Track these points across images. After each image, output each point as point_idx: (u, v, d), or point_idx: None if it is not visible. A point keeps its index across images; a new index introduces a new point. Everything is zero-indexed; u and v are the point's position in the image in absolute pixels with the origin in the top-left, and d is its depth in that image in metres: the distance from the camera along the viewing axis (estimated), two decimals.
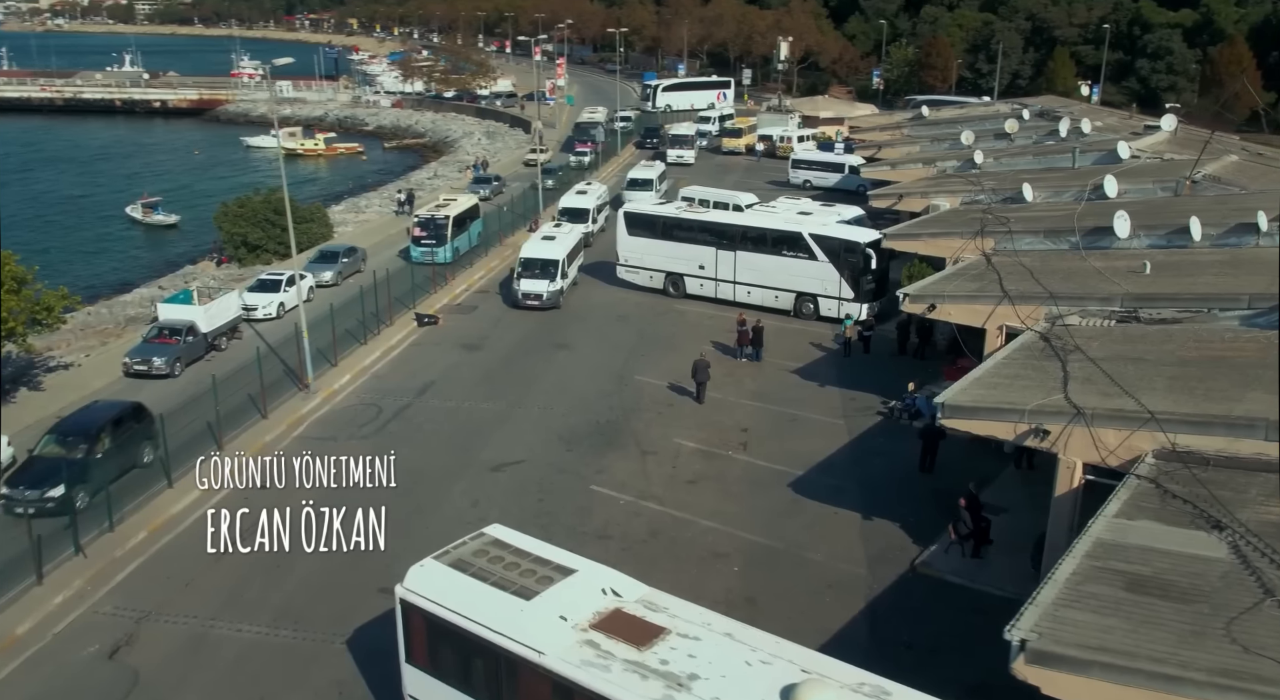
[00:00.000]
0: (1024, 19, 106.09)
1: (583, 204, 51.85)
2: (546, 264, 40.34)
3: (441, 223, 47.17)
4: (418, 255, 46.10)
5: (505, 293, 42.25)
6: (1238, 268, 27.52)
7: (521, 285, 39.98)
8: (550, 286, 40.00)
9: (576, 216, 49.80)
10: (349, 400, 31.93)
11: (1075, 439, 19.49)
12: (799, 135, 78.45)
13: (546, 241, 41.84)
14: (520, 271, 40.38)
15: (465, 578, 15.44)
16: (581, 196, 53.03)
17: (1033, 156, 47.28)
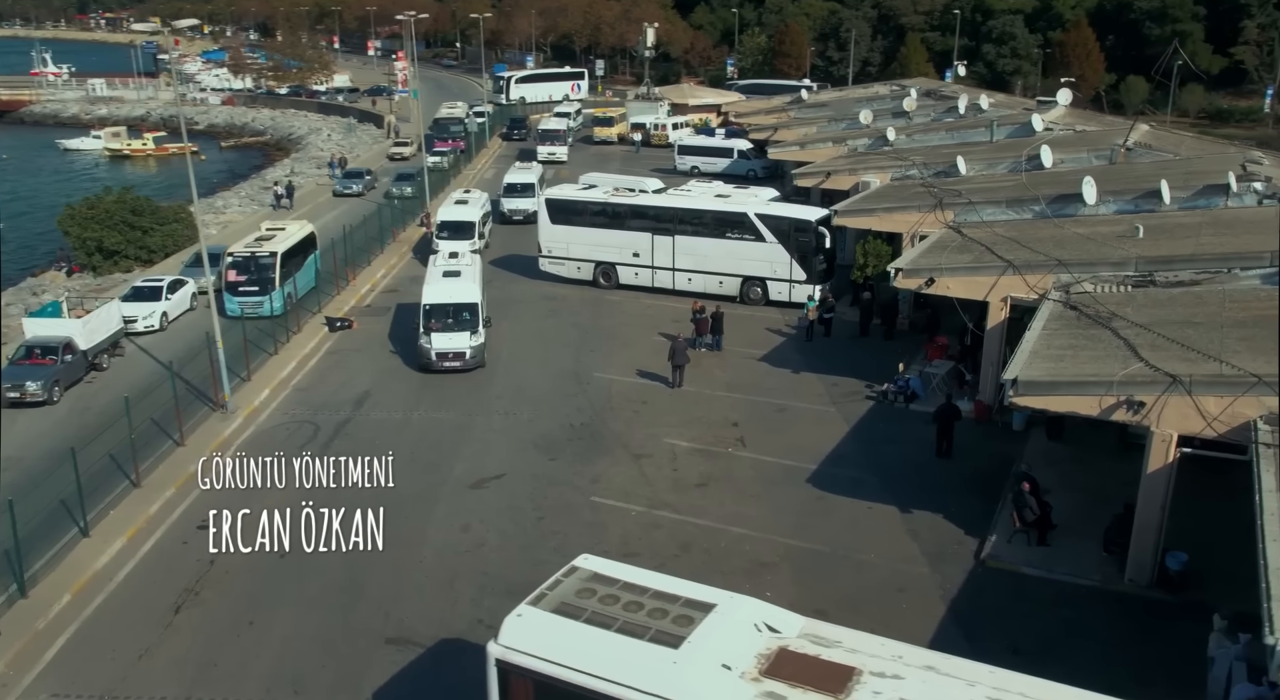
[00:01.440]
0: (871, 7, 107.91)
1: (466, 216, 43.50)
2: (460, 309, 30.83)
3: (266, 262, 35.56)
4: (235, 308, 34.63)
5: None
6: (1229, 227, 26.96)
7: (434, 341, 30.28)
8: (473, 342, 30.53)
9: (460, 231, 42.25)
10: (276, 418, 27.75)
11: (1171, 409, 17.93)
12: (673, 122, 76.76)
13: (450, 279, 32.14)
14: (427, 324, 30.59)
15: (583, 626, 12.36)
16: (463, 208, 44.33)
17: (945, 132, 46.75)
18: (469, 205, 44.60)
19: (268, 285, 35.34)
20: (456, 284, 31.74)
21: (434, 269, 33.38)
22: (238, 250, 36.24)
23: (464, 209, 44.03)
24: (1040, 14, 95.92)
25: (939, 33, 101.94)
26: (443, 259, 34.35)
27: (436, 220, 43.51)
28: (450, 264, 33.63)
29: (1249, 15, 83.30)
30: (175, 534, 21.77)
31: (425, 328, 30.41)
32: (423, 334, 30.39)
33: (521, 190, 51.00)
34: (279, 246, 36.41)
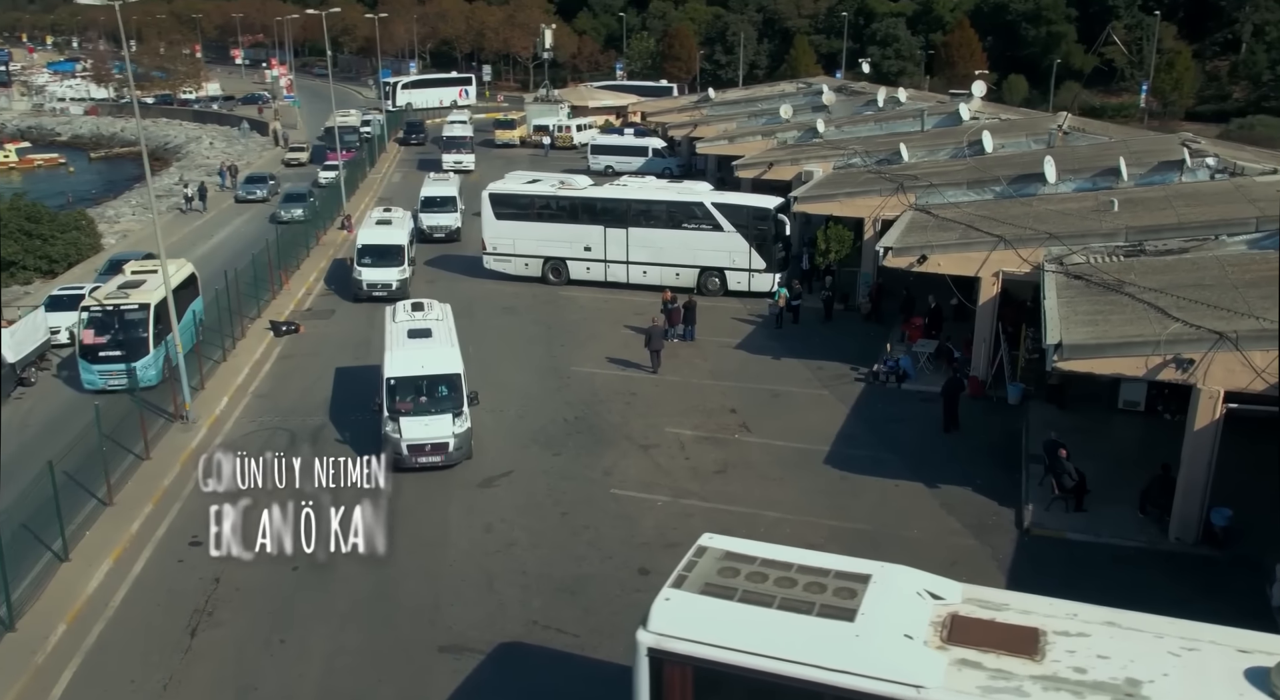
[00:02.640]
0: (755, 11, 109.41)
1: (391, 238, 37.08)
2: (437, 382, 23.37)
3: (135, 318, 27.39)
4: (95, 379, 27.06)
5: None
6: (1194, 199, 27.79)
7: (404, 429, 22.55)
8: (457, 428, 22.95)
9: (385, 257, 36.35)
10: (243, 427, 25.75)
11: (1217, 366, 18.13)
12: (577, 124, 75.95)
13: (420, 341, 24.38)
14: (392, 404, 23.02)
15: (742, 606, 11.45)
16: (387, 229, 37.88)
17: (875, 123, 47.33)
18: (393, 226, 38.40)
19: (138, 348, 27.07)
20: (429, 348, 23.88)
21: (395, 327, 25.20)
22: (96, 301, 27.90)
23: (388, 230, 37.74)
24: (921, 17, 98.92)
25: (824, 35, 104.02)
26: (404, 312, 26.11)
27: (356, 244, 37.43)
28: (416, 319, 25.62)
29: (1117, 17, 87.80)
30: (166, 553, 19.79)
31: (390, 409, 22.66)
32: (387, 417, 22.58)
33: (442, 204, 45.97)
34: (151, 295, 27.83)
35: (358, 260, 36.50)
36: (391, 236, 37.28)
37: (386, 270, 36.04)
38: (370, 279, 35.91)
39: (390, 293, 34.98)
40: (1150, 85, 77.93)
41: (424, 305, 26.77)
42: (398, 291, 34.96)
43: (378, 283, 35.78)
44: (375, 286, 35.73)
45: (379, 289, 35.64)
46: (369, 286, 35.72)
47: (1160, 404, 25.01)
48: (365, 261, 36.37)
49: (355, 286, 36.09)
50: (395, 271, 36.19)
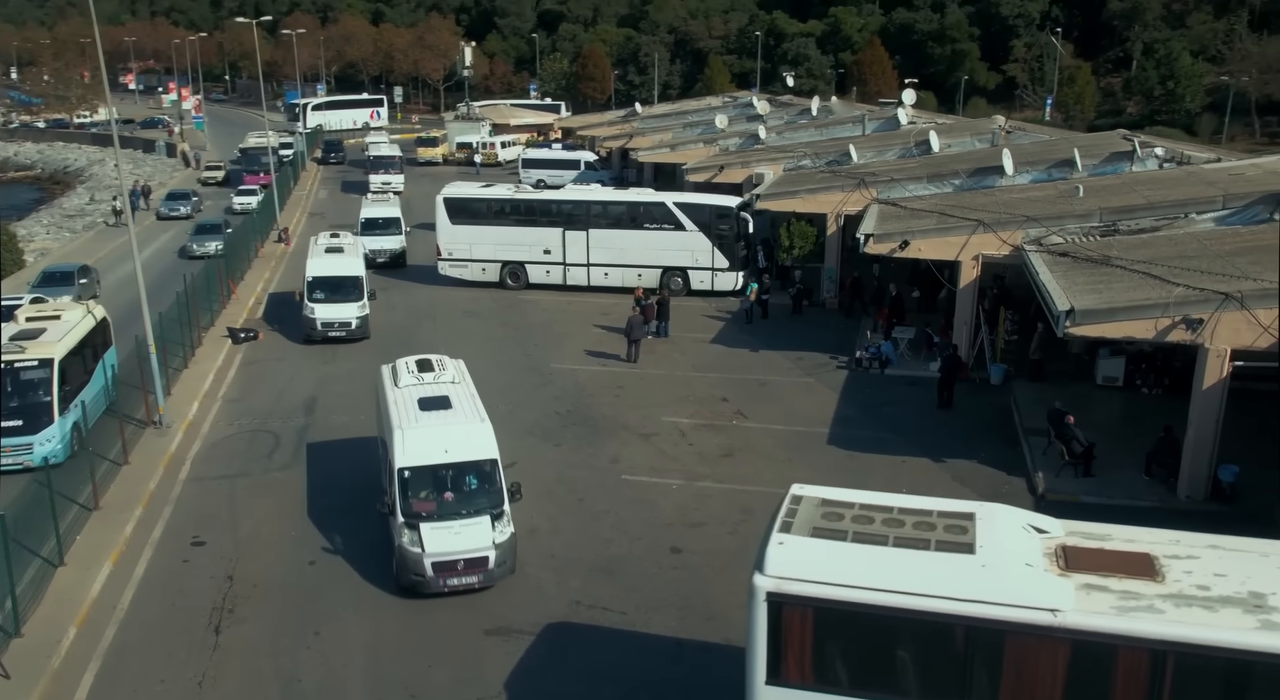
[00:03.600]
0: (667, 32, 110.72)
1: (345, 269, 32.09)
2: (468, 471, 17.70)
3: (34, 378, 22.10)
4: None
5: None
6: (1152, 185, 28.92)
7: (427, 542, 16.89)
8: (503, 532, 17.43)
9: (340, 292, 31.30)
10: (222, 430, 24.60)
11: (1224, 325, 18.78)
12: (502, 141, 75.48)
13: (436, 414, 18.24)
14: (406, 506, 17.19)
15: (858, 546, 11.28)
16: (339, 258, 32.72)
17: (815, 129, 48.21)
18: (346, 254, 33.10)
19: (40, 416, 21.65)
20: (451, 424, 17.95)
21: (399, 395, 18.89)
22: None
23: (340, 259, 32.57)
24: (830, 37, 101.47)
25: (735, 56, 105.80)
26: (409, 375, 19.54)
27: (308, 276, 31.60)
28: (427, 383, 19.30)
29: (1017, 35, 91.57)
30: (168, 554, 18.70)
31: (406, 512, 16.96)
32: (402, 524, 16.88)
33: (384, 226, 42.16)
34: (55, 348, 22.46)
35: (308, 295, 31.18)
36: (345, 266, 32.23)
37: (343, 306, 31.12)
38: (325, 317, 30.94)
39: (349, 332, 30.96)
40: (1054, 99, 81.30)
41: (433, 364, 20.15)
42: (358, 330, 31.08)
43: (333, 321, 30.94)
44: (331, 326, 30.92)
45: (335, 328, 30.95)
46: (323, 326, 30.89)
47: (1139, 379, 25.84)
48: (317, 296, 31.12)
49: (306, 326, 31.08)
50: (354, 307, 31.25)
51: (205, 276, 32.87)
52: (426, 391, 18.91)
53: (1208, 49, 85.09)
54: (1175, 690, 10.18)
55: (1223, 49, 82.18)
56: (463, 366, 20.80)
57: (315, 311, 31.00)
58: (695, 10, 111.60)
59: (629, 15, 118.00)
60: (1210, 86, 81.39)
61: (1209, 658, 10.07)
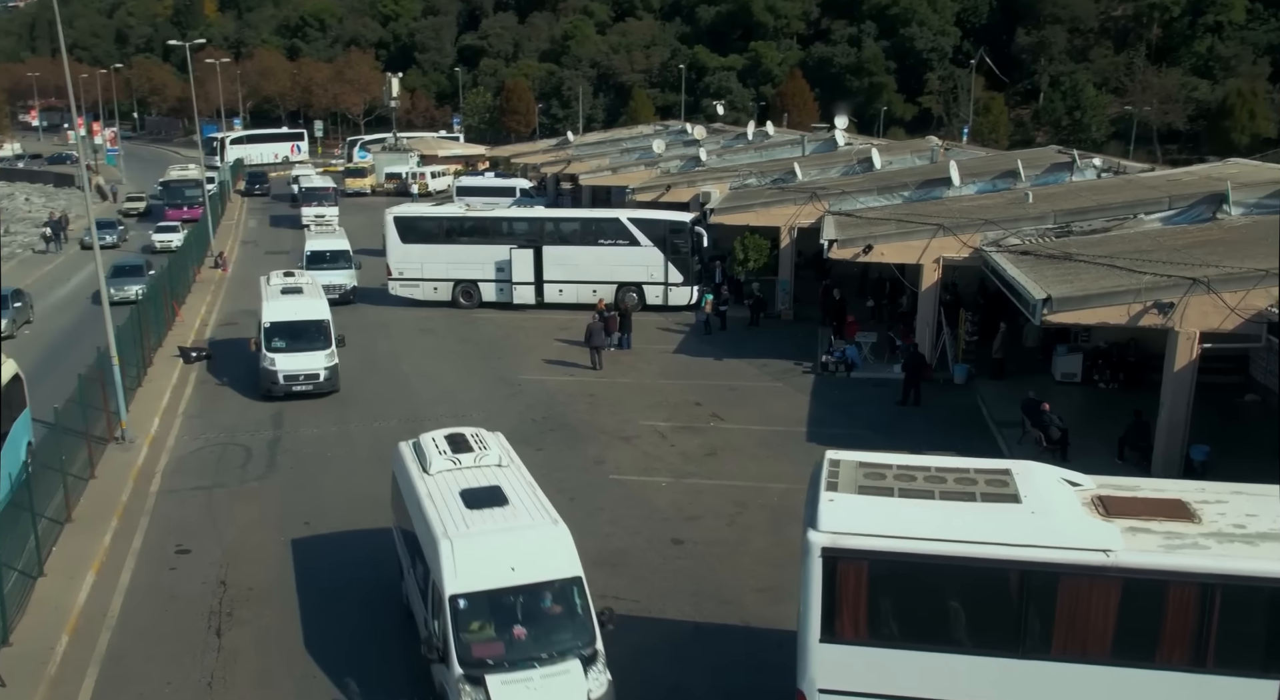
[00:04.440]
0: (590, 67, 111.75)
1: (308, 312, 27.94)
2: (543, 594, 13.55)
3: None
4: None
5: None
6: (1095, 191, 30.21)
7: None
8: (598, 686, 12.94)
9: (304, 338, 27.15)
10: (189, 443, 23.87)
11: (1192, 309, 19.64)
12: (432, 171, 75.07)
13: (490, 516, 13.94)
14: (467, 654, 12.72)
15: (908, 501, 11.45)
16: (298, 299, 28.58)
17: (755, 151, 49.16)
18: (306, 295, 28.94)
19: None
20: (517, 531, 13.71)
21: (433, 486, 14.68)
22: None
23: (302, 302, 28.43)
24: (751, 70, 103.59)
25: (659, 89, 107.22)
26: (441, 457, 15.29)
27: (264, 322, 27.24)
28: (466, 468, 15.13)
29: (931, 69, 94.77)
30: (153, 562, 18.05)
31: (466, 662, 12.62)
32: (462, 684, 12.50)
33: (333, 259, 38.44)
34: None
35: (265, 344, 26.88)
36: (308, 308, 28.02)
37: (308, 355, 26.87)
38: (288, 369, 26.50)
39: (317, 386, 26.76)
40: (970, 129, 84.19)
41: (470, 441, 15.61)
42: (327, 383, 26.89)
43: (298, 373, 26.57)
44: (295, 379, 26.51)
45: (300, 382, 26.56)
46: (286, 379, 26.43)
47: (1096, 374, 26.76)
48: (276, 345, 26.87)
49: (266, 381, 26.64)
50: (321, 356, 26.97)
51: (151, 296, 31.92)
52: (469, 480, 14.46)
53: (1110, 81, 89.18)
54: (1222, 621, 10.56)
55: (1125, 81, 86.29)
56: (505, 442, 16.15)
57: (276, 363, 26.60)
58: (617, 45, 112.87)
59: (550, 50, 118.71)
60: (1114, 116, 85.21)
61: (1254, 589, 10.48)
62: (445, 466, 15.03)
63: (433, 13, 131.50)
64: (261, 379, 26.89)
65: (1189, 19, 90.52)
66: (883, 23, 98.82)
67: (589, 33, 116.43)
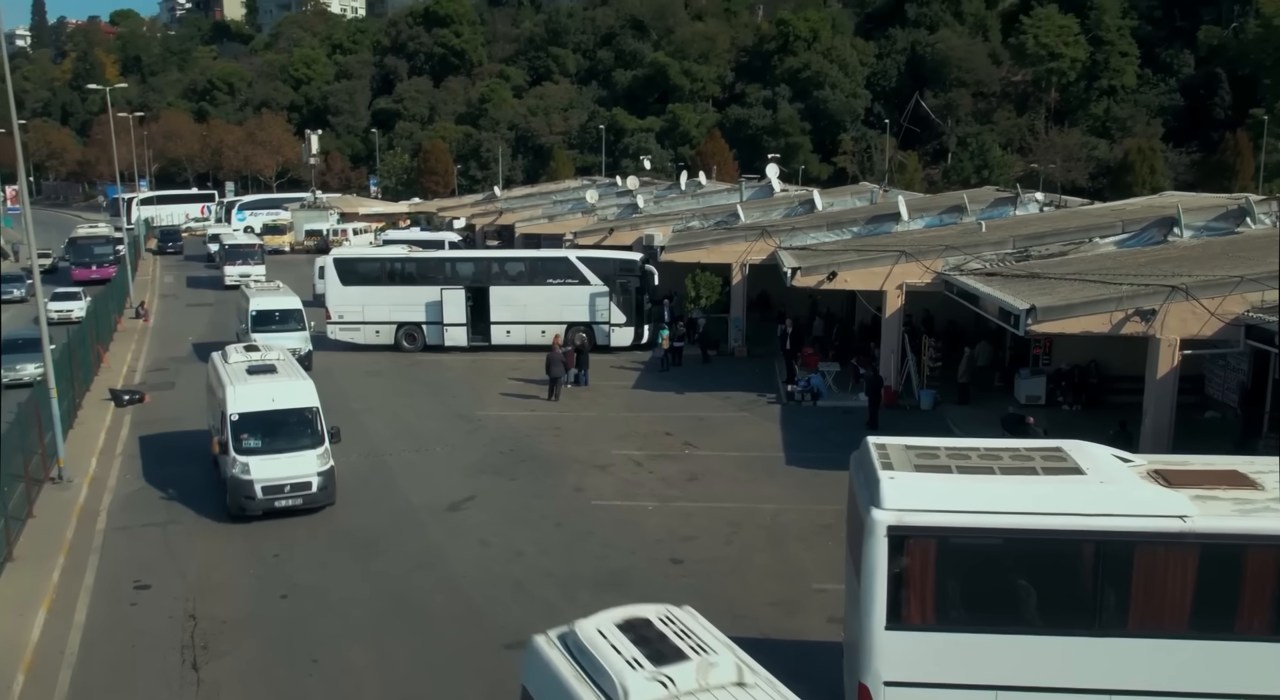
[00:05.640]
0: (508, 129, 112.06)
1: (293, 398, 20.66)
2: None
3: None
4: None
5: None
6: (1042, 222, 30.87)
7: None
8: None
9: (285, 432, 20.26)
10: (132, 483, 22.30)
11: (1172, 316, 19.90)
12: (354, 228, 73.72)
13: None
14: None
15: (969, 476, 10.98)
16: (274, 382, 21.05)
17: (693, 198, 49.40)
18: (281, 375, 21.45)
19: None
20: None
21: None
22: None
23: (279, 385, 20.91)
24: (669, 132, 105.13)
25: (578, 150, 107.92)
26: (643, 683, 8.71)
27: (230, 413, 19.91)
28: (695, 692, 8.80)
29: (844, 129, 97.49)
30: (111, 598, 16.54)
31: None
32: None
33: (283, 321, 32.67)
34: None
35: (233, 444, 19.62)
36: (290, 393, 20.66)
37: (296, 458, 19.73)
38: (268, 477, 19.32)
39: (309, 499, 19.63)
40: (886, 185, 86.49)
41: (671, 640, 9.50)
42: (321, 494, 19.76)
43: (281, 482, 19.38)
44: (278, 491, 19.38)
45: (286, 494, 19.43)
46: (266, 493, 19.31)
47: (1060, 396, 26.97)
48: (250, 445, 19.68)
49: (238, 495, 19.42)
50: (311, 458, 19.86)
51: (79, 339, 30.06)
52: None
53: (1014, 141, 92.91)
54: None
55: (1029, 140, 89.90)
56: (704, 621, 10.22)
57: (251, 470, 19.33)
58: (535, 108, 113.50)
59: (467, 113, 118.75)
60: (1020, 175, 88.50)
61: None
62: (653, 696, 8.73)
63: (346, 76, 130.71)
64: (231, 493, 19.56)
65: (1084, 83, 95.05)
66: (796, 85, 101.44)
67: (506, 96, 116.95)
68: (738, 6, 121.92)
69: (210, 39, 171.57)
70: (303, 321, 33.27)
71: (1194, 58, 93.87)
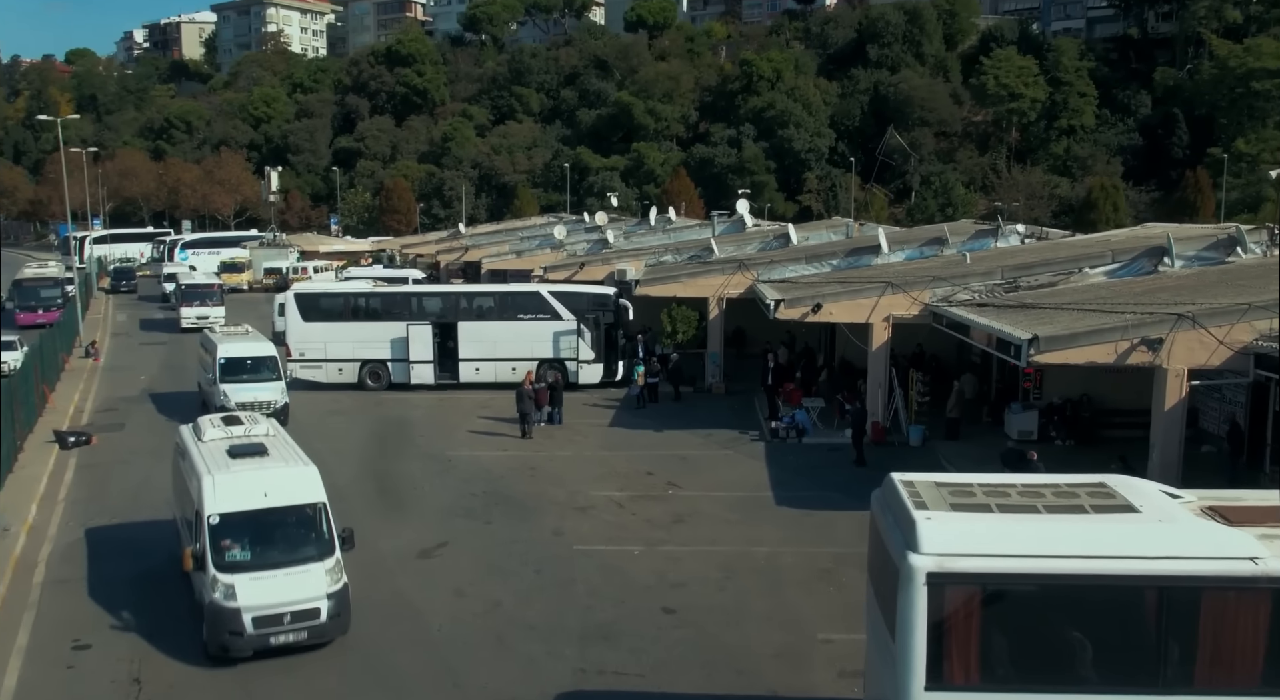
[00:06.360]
0: (470, 167, 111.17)
1: (291, 494, 15.68)
2: None
3: None
4: None
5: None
6: (1028, 252, 30.23)
7: None
8: None
9: (281, 542, 15.43)
10: (74, 531, 20.59)
11: (1179, 345, 19.08)
12: (314, 266, 72.12)
13: None
14: None
15: (1014, 517, 9.89)
16: (263, 469, 15.96)
17: (663, 233, 48.54)
18: (273, 458, 16.58)
19: None
20: None
21: None
22: None
23: (269, 473, 15.97)
24: (633, 170, 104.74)
25: (541, 189, 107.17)
26: None
27: (207, 515, 14.97)
28: None
29: (809, 168, 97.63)
30: (45, 661, 14.94)
31: None
32: None
33: (254, 369, 29.49)
34: None
35: (212, 557, 14.86)
36: (285, 483, 15.78)
37: (296, 575, 14.97)
38: (258, 605, 14.59)
39: (315, 632, 14.92)
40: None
41: None
42: (332, 624, 15.04)
43: (279, 612, 14.68)
44: (275, 624, 14.66)
45: (286, 626, 14.72)
46: (257, 626, 14.55)
47: (1053, 430, 26.13)
48: (234, 557, 15.01)
49: (216, 628, 14.64)
50: (317, 573, 15.08)
51: (22, 378, 28.36)
52: None
53: (976, 180, 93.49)
54: None
55: (992, 179, 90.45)
56: None
57: (237, 594, 14.53)
58: (498, 146, 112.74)
59: (430, 151, 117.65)
60: (984, 213, 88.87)
61: None
62: None
63: (307, 115, 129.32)
64: (210, 627, 14.68)
65: (1044, 123, 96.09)
66: (760, 125, 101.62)
67: (469, 135, 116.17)
68: (701, 47, 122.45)
69: (168, 78, 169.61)
70: (277, 369, 30.06)
71: (1150, 98, 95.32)
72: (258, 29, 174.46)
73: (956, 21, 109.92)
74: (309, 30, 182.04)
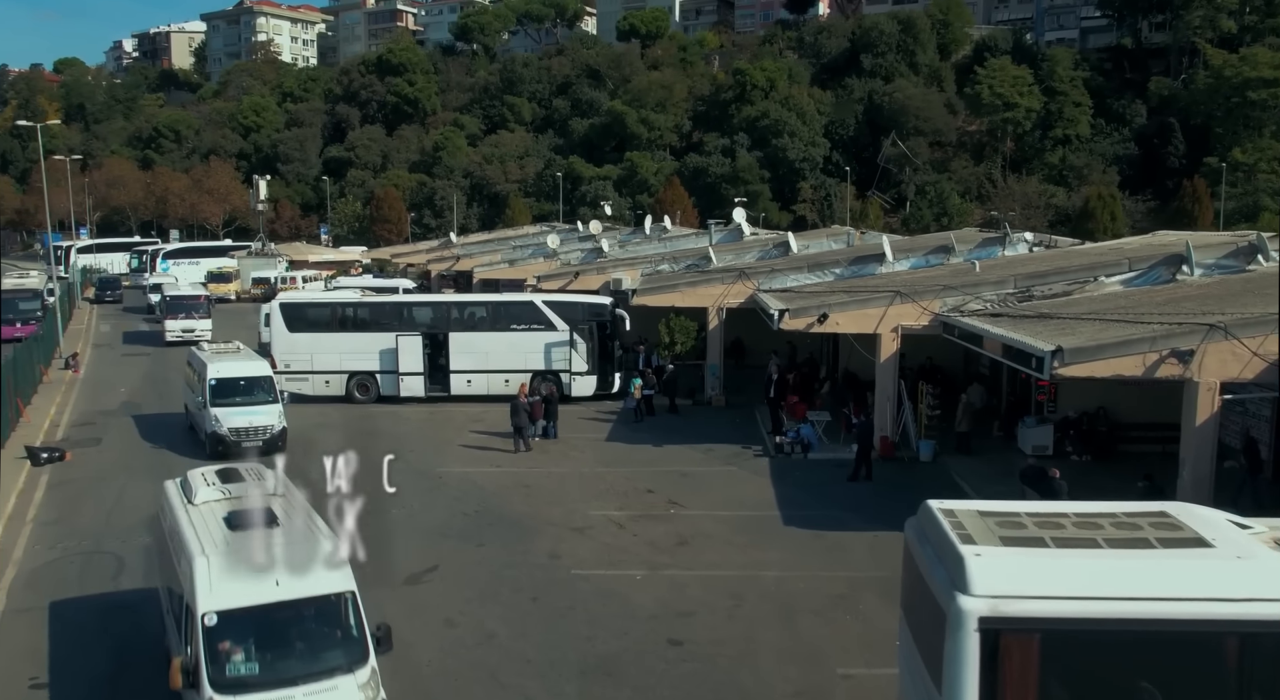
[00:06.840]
0: (462, 176, 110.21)
1: (317, 580, 11.85)
2: None
3: None
4: None
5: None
6: (1036, 261, 29.28)
7: None
8: None
9: (309, 646, 12.04)
10: (42, 554, 19.48)
11: (1210, 357, 18.10)
12: (303, 276, 70.93)
13: None
14: None
15: (1077, 553, 8.82)
16: (271, 543, 12.34)
17: (659, 242, 47.57)
18: (284, 528, 12.85)
19: None
20: None
21: None
22: None
23: (276, 545, 12.39)
24: (626, 180, 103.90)
25: (534, 198, 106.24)
26: None
27: (203, 612, 11.37)
28: None
29: (803, 178, 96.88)
30: None
31: None
32: None
33: (248, 390, 26.97)
34: None
35: (209, 670, 11.25)
36: (301, 567, 11.92)
37: (312, 697, 11.45)
38: None
39: None
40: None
41: None
42: None
43: None
44: None
45: None
46: None
47: (1069, 445, 25.13)
48: (239, 670, 11.48)
49: None
50: (349, 689, 11.61)
51: None
52: None
53: (972, 190, 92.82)
54: None
55: (988, 188, 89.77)
56: None
57: None
58: (490, 156, 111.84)
59: (421, 161, 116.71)
60: (980, 222, 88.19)
61: None
62: None
63: (296, 124, 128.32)
64: None
65: (1039, 132, 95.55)
66: (754, 134, 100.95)
67: (460, 144, 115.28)
68: (694, 57, 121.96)
69: (157, 87, 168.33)
70: (273, 391, 27.29)
71: (1146, 108, 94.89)
72: (248, 38, 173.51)
73: (950, 31, 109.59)
74: (299, 39, 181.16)
